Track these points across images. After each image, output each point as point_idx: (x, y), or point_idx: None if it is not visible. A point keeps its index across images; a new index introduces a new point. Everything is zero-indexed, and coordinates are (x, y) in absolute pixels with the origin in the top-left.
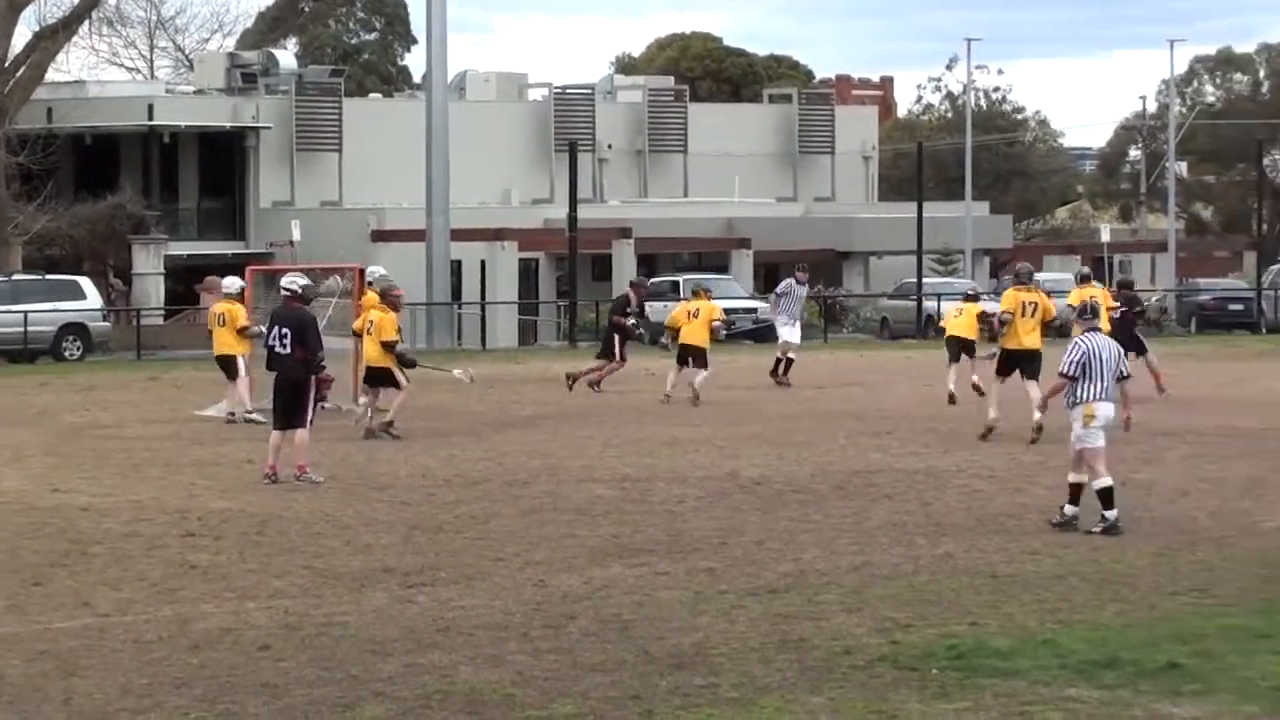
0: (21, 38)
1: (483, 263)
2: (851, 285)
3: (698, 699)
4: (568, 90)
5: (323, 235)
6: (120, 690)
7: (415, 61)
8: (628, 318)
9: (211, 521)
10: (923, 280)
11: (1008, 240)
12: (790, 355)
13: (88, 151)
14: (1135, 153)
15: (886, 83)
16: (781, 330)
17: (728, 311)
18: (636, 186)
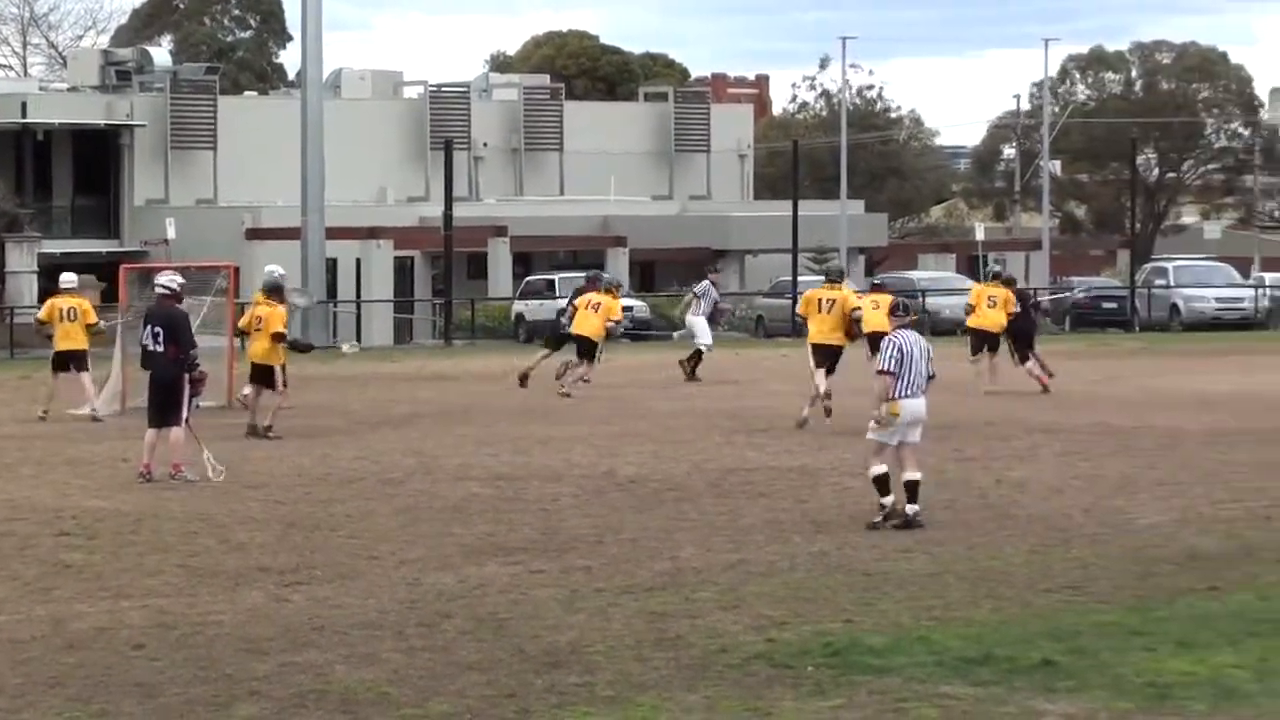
0: None
1: (358, 261)
2: (727, 284)
3: (573, 697)
4: (443, 88)
5: (197, 233)
6: None
7: (291, 59)
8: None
9: (85, 520)
10: (798, 279)
11: (883, 239)
12: (701, 350)
13: None
14: (1009, 151)
15: (762, 81)
16: (697, 328)
17: None
18: (512, 185)
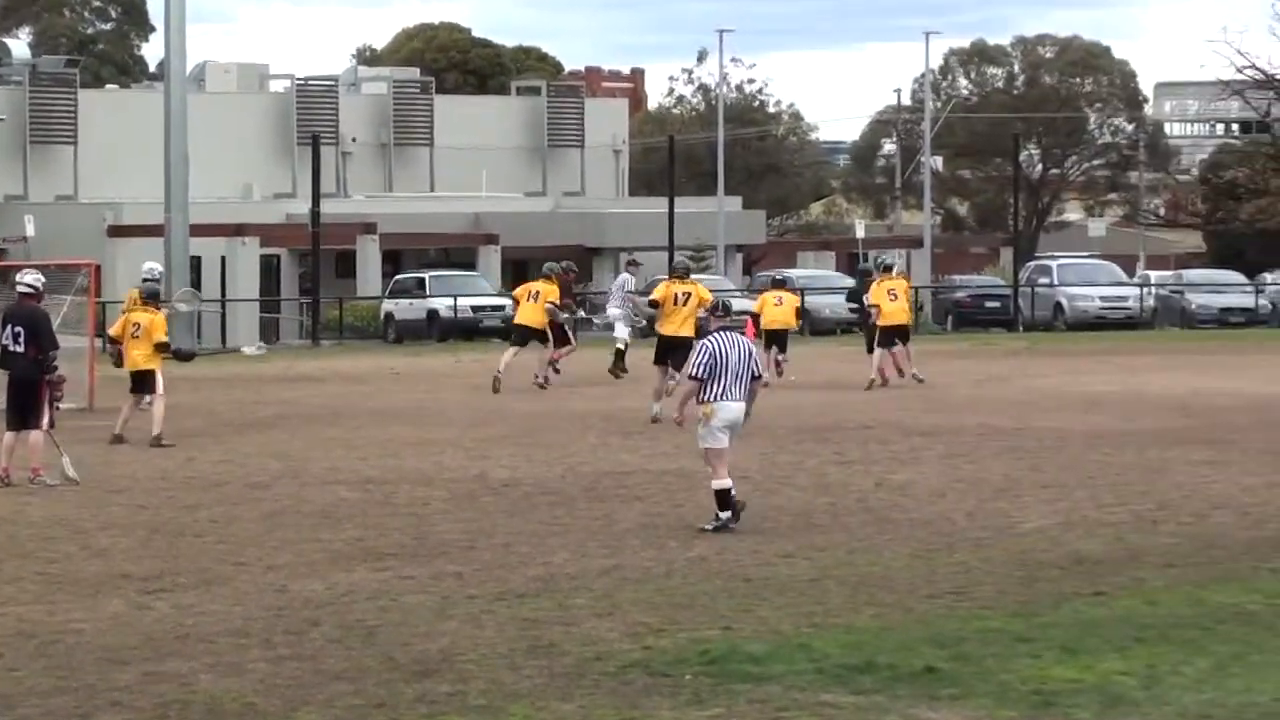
0: None
1: (223, 259)
2: (602, 281)
3: (445, 707)
4: (310, 82)
5: (57, 230)
6: None
7: (153, 51)
8: (562, 310)
9: None
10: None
11: (761, 236)
12: (619, 347)
13: None
14: (890, 147)
15: (637, 75)
16: (618, 323)
17: (474, 310)
18: (382, 181)
